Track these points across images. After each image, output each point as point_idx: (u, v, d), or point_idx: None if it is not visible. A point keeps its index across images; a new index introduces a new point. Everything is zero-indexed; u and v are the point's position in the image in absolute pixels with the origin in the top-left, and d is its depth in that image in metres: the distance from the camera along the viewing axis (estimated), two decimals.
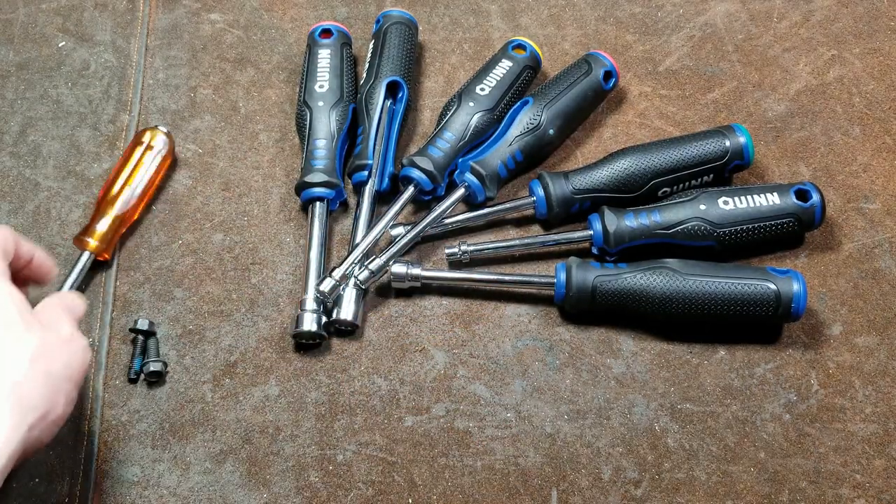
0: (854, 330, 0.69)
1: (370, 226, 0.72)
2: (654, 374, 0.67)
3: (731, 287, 0.65)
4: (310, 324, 0.67)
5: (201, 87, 0.82)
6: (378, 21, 0.81)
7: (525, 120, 0.74)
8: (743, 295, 0.64)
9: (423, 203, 0.75)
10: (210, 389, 0.67)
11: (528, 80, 0.78)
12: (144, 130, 0.76)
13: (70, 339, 0.52)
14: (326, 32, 0.79)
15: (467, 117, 0.74)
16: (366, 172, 0.73)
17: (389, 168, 0.74)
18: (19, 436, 0.47)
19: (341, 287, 0.68)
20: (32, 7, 0.87)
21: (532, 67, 0.78)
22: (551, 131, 0.74)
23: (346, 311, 0.67)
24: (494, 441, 0.65)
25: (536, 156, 0.75)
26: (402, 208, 0.71)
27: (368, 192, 0.73)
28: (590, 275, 0.66)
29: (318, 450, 0.64)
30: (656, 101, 0.81)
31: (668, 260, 0.67)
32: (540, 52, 0.79)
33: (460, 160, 0.74)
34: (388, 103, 0.76)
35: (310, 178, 0.71)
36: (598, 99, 0.78)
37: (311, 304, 0.68)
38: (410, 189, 0.72)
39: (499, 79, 0.76)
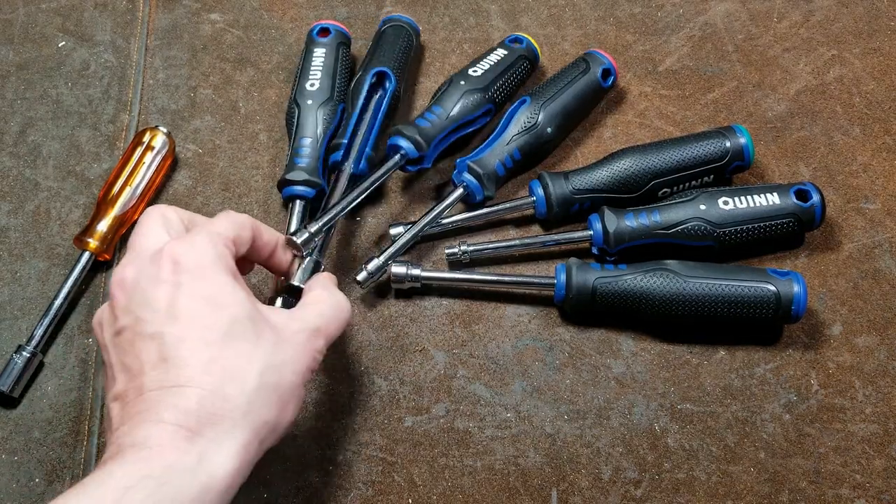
0: (854, 330, 0.69)
1: (342, 197, 0.68)
2: (654, 374, 0.67)
3: (731, 289, 0.64)
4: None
5: (201, 87, 0.82)
6: (380, 26, 0.81)
7: (523, 119, 0.74)
8: (743, 297, 0.64)
9: (422, 202, 0.75)
10: None
11: (523, 71, 0.78)
12: (144, 130, 0.76)
13: (303, 342, 0.52)
14: (324, 31, 0.79)
15: (457, 94, 0.74)
16: (341, 152, 0.72)
17: (368, 151, 0.73)
18: (252, 453, 0.48)
19: (316, 240, 0.64)
20: (32, 7, 0.87)
21: (528, 59, 0.78)
22: (549, 130, 0.74)
23: (298, 279, 0.63)
24: (494, 441, 0.65)
25: (535, 155, 0.75)
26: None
27: (345, 173, 0.71)
28: (590, 276, 0.66)
29: (318, 450, 0.64)
30: (656, 101, 0.81)
31: (668, 261, 0.67)
32: (537, 46, 0.79)
33: (458, 160, 0.74)
34: (377, 93, 0.76)
35: (291, 176, 0.71)
36: (596, 97, 0.78)
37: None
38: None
39: (492, 63, 0.76)
